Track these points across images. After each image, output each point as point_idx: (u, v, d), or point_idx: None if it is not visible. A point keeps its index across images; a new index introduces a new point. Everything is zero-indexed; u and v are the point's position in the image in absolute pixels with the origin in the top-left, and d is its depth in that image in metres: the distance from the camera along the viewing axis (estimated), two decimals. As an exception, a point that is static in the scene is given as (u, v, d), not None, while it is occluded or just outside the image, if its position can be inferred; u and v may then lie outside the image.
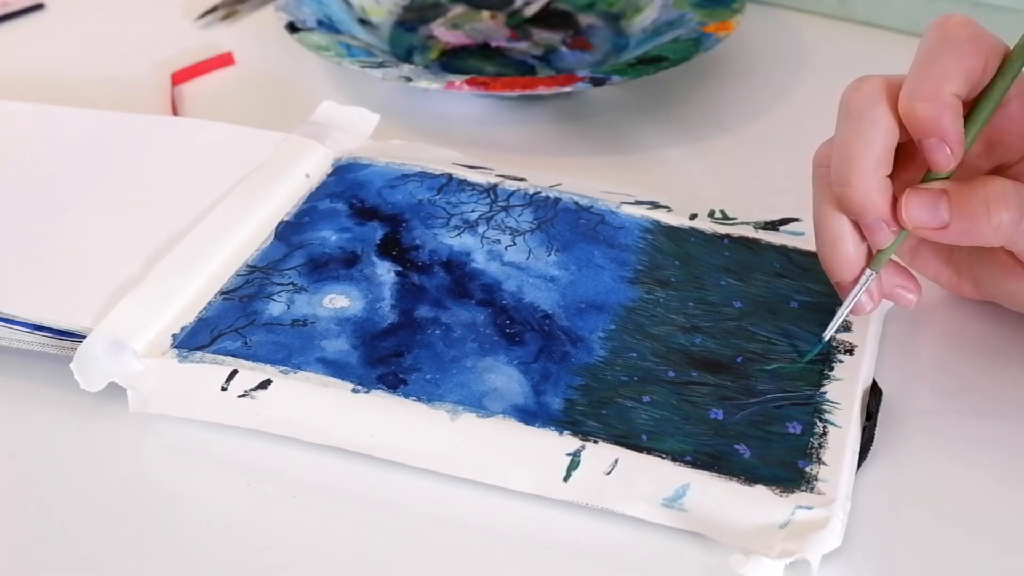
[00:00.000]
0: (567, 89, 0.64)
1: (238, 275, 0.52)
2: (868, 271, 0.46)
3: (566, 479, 0.44)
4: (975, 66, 0.44)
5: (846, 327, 0.50)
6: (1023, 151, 0.46)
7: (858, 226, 0.46)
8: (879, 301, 0.47)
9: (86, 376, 0.47)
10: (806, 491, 0.43)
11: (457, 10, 0.78)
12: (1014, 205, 0.44)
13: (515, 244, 0.54)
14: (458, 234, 0.54)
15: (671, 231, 0.55)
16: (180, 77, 0.72)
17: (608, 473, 0.43)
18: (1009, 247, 0.45)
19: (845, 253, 0.46)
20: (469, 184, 0.57)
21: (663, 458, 0.44)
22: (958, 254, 0.50)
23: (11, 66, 0.74)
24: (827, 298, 0.51)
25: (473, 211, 0.56)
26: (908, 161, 0.46)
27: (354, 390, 0.46)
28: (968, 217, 0.44)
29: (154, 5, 0.81)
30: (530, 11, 0.78)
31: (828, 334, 0.48)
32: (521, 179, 0.58)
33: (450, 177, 0.58)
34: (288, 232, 0.55)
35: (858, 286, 0.47)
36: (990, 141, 0.47)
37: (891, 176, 0.45)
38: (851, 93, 0.45)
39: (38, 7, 0.80)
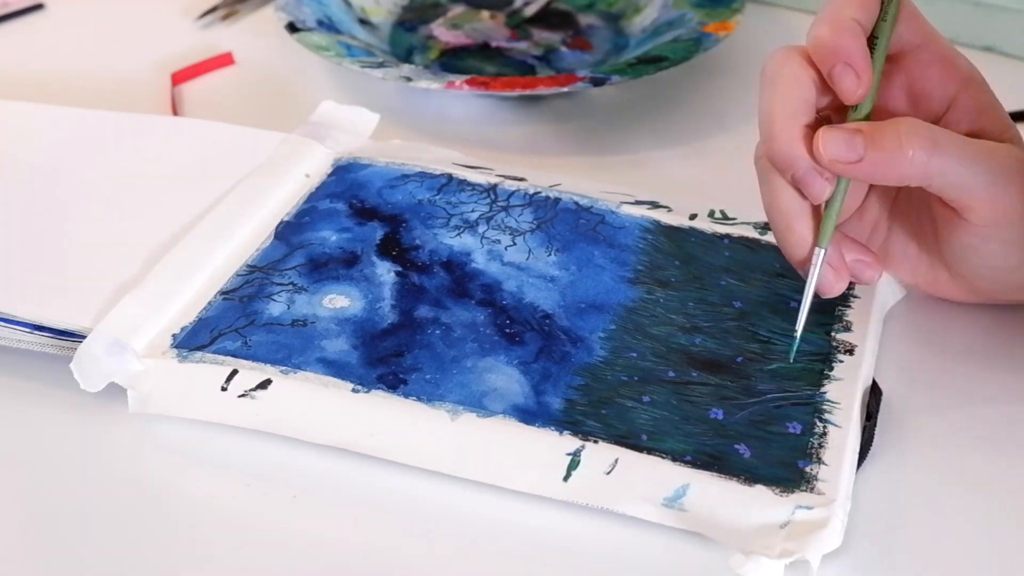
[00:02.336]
0: (567, 89, 0.64)
1: (238, 275, 0.52)
2: (818, 248, 0.46)
3: (566, 479, 0.44)
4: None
5: (846, 327, 0.50)
6: (945, 100, 0.47)
7: (809, 206, 0.46)
8: (845, 278, 0.48)
9: (86, 376, 0.47)
10: (806, 491, 0.43)
11: (457, 10, 0.78)
12: (927, 138, 0.45)
13: (515, 244, 0.54)
14: (458, 234, 0.54)
15: (671, 231, 0.55)
16: (180, 77, 0.72)
17: (608, 473, 0.43)
18: (925, 183, 0.45)
19: (798, 233, 0.46)
20: (469, 184, 0.57)
21: (663, 458, 0.44)
22: (923, 240, 0.50)
23: (11, 66, 0.74)
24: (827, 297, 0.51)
25: (473, 211, 0.56)
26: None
27: (354, 390, 0.46)
28: (882, 150, 0.45)
29: (154, 5, 0.81)
30: (530, 11, 0.78)
31: (800, 326, 0.47)
32: (521, 179, 0.58)
33: (450, 177, 0.58)
34: (288, 232, 0.55)
35: (813, 267, 0.47)
36: (912, 95, 0.48)
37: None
38: (766, 62, 0.47)
39: (38, 7, 0.80)
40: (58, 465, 0.47)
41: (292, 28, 0.70)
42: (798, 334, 0.47)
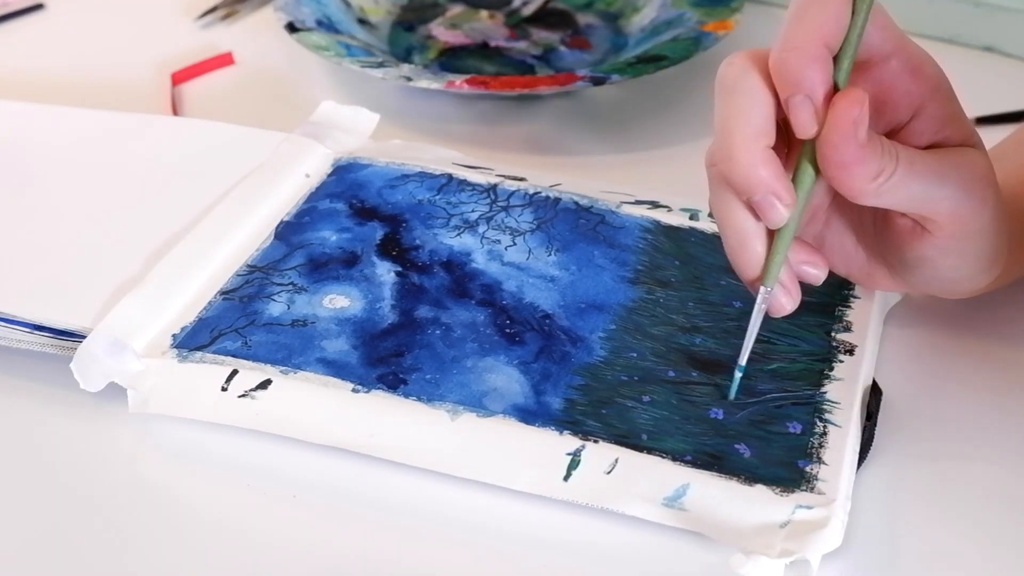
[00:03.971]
0: (567, 89, 0.64)
1: (238, 275, 0.52)
2: (763, 288, 0.44)
3: (566, 479, 0.44)
4: (843, 12, 0.42)
5: (846, 327, 0.50)
6: (911, 110, 0.44)
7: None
8: (797, 296, 0.45)
9: (86, 376, 0.47)
10: (806, 491, 0.43)
11: (456, 10, 0.78)
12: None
13: (515, 244, 0.54)
14: (458, 234, 0.54)
15: (671, 231, 0.55)
16: (180, 77, 0.72)
17: (608, 473, 0.43)
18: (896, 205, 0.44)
19: (753, 251, 0.44)
20: (469, 184, 0.57)
21: (663, 458, 0.44)
22: (862, 235, 0.48)
23: (11, 66, 0.74)
24: (827, 297, 0.51)
25: (473, 211, 0.56)
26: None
27: (354, 390, 0.46)
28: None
29: (154, 5, 0.81)
30: (528, 10, 0.78)
31: (742, 359, 0.46)
32: (521, 179, 0.58)
33: (450, 177, 0.58)
34: (288, 232, 0.55)
35: (757, 306, 0.44)
36: (877, 103, 0.44)
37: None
38: (723, 69, 0.43)
39: (38, 7, 0.80)
40: (58, 465, 0.47)
41: (291, 28, 0.70)
42: (740, 367, 0.46)
